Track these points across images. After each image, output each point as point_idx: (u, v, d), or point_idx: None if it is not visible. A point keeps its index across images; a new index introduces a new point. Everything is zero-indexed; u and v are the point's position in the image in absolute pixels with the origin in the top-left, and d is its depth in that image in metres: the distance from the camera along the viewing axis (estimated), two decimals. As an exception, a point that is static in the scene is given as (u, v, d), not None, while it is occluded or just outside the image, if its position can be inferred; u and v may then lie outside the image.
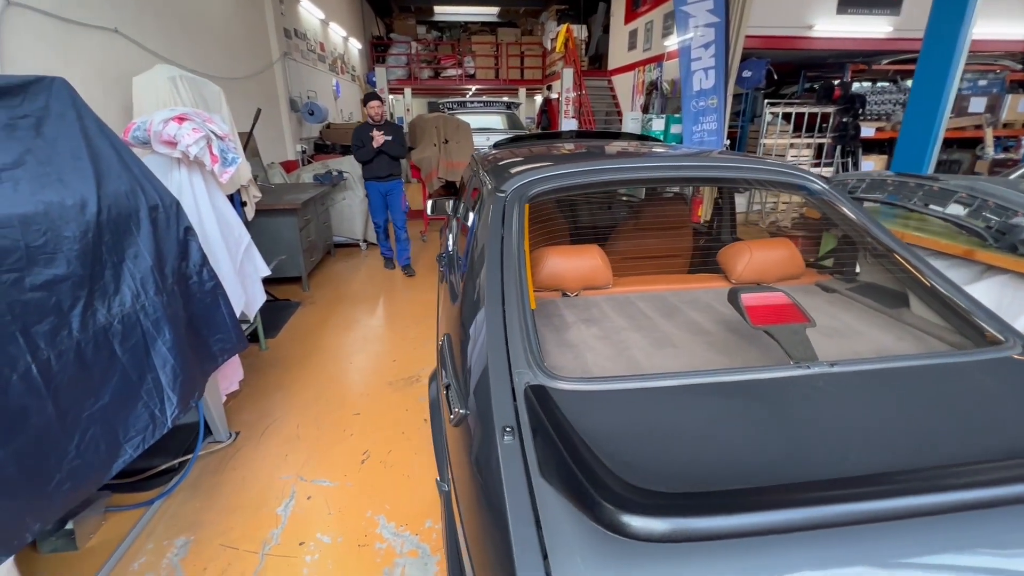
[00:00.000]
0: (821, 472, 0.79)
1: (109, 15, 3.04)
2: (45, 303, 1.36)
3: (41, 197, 1.43)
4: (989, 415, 0.95)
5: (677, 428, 0.91)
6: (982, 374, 1.07)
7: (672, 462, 0.82)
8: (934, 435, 0.89)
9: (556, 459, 0.80)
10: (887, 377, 1.05)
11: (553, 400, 0.94)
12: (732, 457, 0.83)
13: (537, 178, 1.56)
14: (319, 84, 7.87)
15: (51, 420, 1.33)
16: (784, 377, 1.02)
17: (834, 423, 0.91)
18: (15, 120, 1.53)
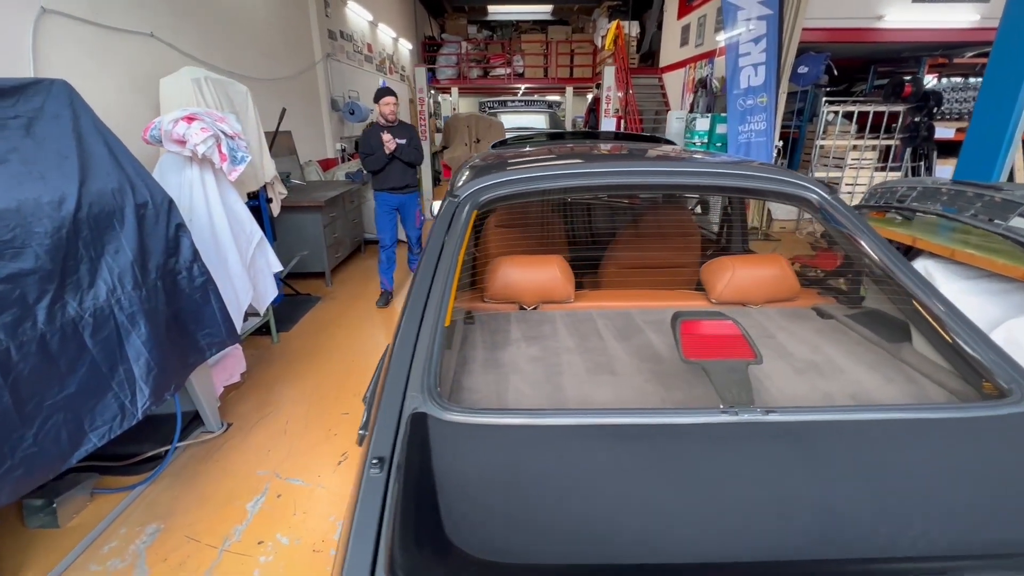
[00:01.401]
0: (697, 553, 0.65)
1: (145, 20, 3.22)
2: (7, 296, 1.42)
3: (16, 194, 1.51)
4: (964, 490, 0.76)
5: (554, 478, 0.79)
6: (970, 435, 0.87)
7: (525, 520, 0.71)
8: (879, 513, 0.72)
9: (400, 503, 0.71)
10: (840, 432, 0.87)
11: (427, 433, 0.85)
12: (598, 521, 0.71)
13: (493, 183, 1.46)
14: (364, 84, 8.08)
15: (7, 409, 1.40)
16: (705, 424, 0.87)
17: (743, 489, 0.76)
18: (5, 120, 1.62)
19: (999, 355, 1.01)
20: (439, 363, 1.00)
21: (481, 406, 1.04)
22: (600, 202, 2.46)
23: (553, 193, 1.50)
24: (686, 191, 2.11)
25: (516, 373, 1.18)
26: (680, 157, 1.73)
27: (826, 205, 1.43)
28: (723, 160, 1.70)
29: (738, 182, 1.46)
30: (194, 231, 2.67)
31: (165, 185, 2.67)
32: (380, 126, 3.92)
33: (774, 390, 1.11)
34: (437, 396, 0.93)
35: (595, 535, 0.68)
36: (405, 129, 4.01)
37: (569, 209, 2.40)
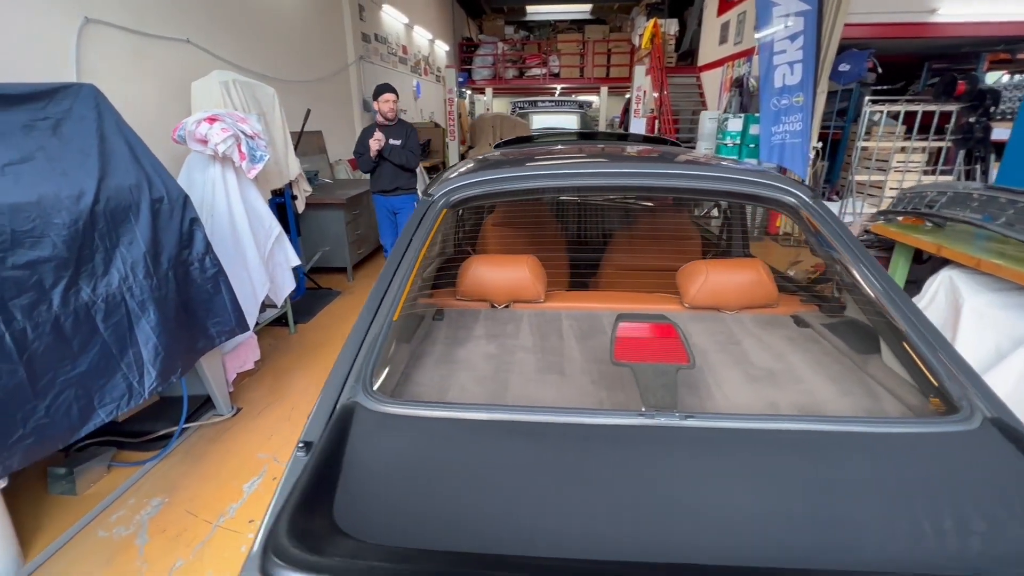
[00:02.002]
0: (566, 548, 0.66)
1: (182, 27, 3.44)
2: (25, 280, 1.57)
3: (38, 188, 1.66)
4: (876, 506, 0.74)
5: (456, 470, 0.82)
6: (904, 451, 0.84)
7: (413, 506, 0.74)
8: (773, 523, 0.71)
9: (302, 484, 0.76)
10: (760, 440, 0.85)
11: (352, 420, 0.90)
12: (482, 513, 0.73)
13: (464, 183, 1.50)
14: (397, 85, 8.27)
15: (22, 382, 1.54)
16: (620, 426, 0.88)
17: (634, 491, 0.76)
18: (35, 121, 1.78)
19: (958, 370, 0.96)
20: (379, 356, 1.04)
21: (422, 399, 1.08)
22: (595, 204, 2.45)
23: (521, 194, 1.52)
24: (654, 192, 2.07)
25: (467, 369, 1.21)
26: (662, 158, 1.70)
27: (805, 210, 1.38)
28: (705, 162, 1.67)
29: (710, 184, 1.43)
30: (214, 225, 2.84)
31: (190, 182, 2.87)
32: (377, 124, 3.81)
33: (719, 396, 1.09)
34: (369, 387, 0.97)
35: (475, 526, 0.70)
36: (402, 129, 3.85)
37: (563, 210, 2.40)
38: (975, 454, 0.82)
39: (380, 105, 3.75)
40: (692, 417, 0.88)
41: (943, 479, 0.78)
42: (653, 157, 1.72)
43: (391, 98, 3.75)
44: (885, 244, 3.18)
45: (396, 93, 3.81)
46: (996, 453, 0.81)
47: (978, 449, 0.83)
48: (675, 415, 0.88)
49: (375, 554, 0.62)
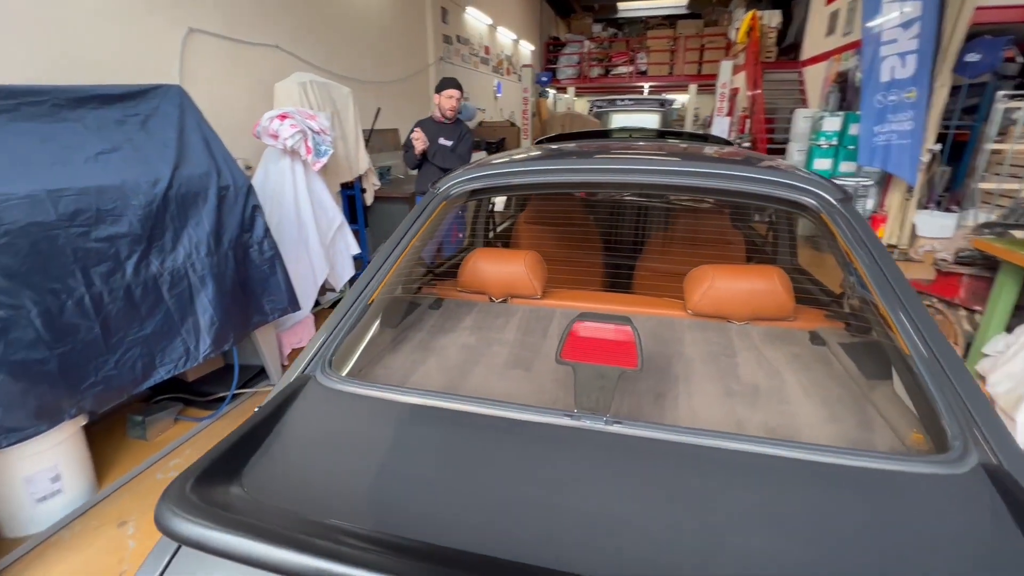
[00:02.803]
0: (453, 539, 0.65)
1: (272, 34, 3.82)
2: (105, 252, 1.85)
3: (122, 174, 1.94)
4: (788, 545, 0.65)
5: (375, 450, 0.84)
6: (861, 488, 0.73)
7: (321, 479, 0.78)
8: (667, 542, 0.66)
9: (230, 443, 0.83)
10: (692, 457, 0.79)
11: (300, 393, 0.96)
12: (387, 493, 0.75)
13: (466, 177, 1.52)
14: (477, 85, 8.51)
15: (96, 338, 1.82)
16: (549, 424, 0.85)
17: (532, 490, 0.74)
18: (126, 118, 2.09)
19: (969, 406, 0.82)
20: (345, 336, 1.10)
21: (381, 381, 1.12)
22: (629, 203, 2.36)
23: (517, 188, 1.52)
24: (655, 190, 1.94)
25: (438, 357, 1.24)
26: (678, 155, 1.61)
27: (826, 213, 1.23)
28: (724, 159, 1.54)
29: (718, 183, 1.33)
30: (281, 212, 3.13)
31: (266, 173, 3.17)
32: (433, 120, 3.56)
33: (684, 408, 1.02)
34: (327, 364, 1.03)
35: (366, 504, 0.73)
36: (457, 130, 3.57)
37: (596, 209, 2.34)
38: (946, 500, 0.70)
39: (442, 100, 3.49)
40: (620, 423, 0.83)
41: (888, 522, 0.67)
42: (669, 154, 1.63)
43: (455, 94, 3.48)
44: (989, 263, 2.73)
45: (461, 89, 3.52)
46: (972, 502, 0.68)
47: (953, 495, 0.70)
48: (602, 419, 0.84)
49: (255, 512, 0.67)
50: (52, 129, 1.83)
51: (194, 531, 0.60)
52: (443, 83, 3.52)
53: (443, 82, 3.54)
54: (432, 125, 3.55)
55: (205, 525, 0.60)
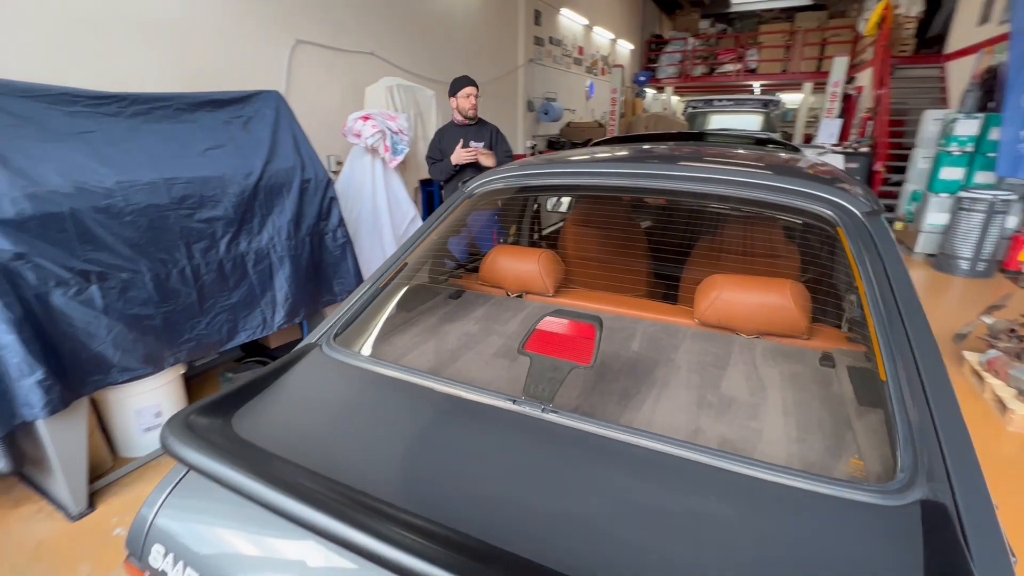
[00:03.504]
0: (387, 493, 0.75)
1: (368, 42, 4.20)
2: (205, 231, 2.21)
3: (223, 167, 2.30)
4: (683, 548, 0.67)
5: (353, 414, 0.98)
6: (781, 506, 0.72)
7: (296, 429, 0.92)
8: (568, 528, 0.71)
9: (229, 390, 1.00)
10: (617, 454, 0.82)
11: (303, 357, 1.13)
12: (341, 448, 0.87)
13: (492, 177, 1.62)
14: (568, 85, 8.55)
15: (193, 302, 2.19)
16: (494, 407, 0.93)
17: (459, 463, 0.81)
18: (232, 119, 2.46)
19: (924, 439, 0.76)
20: (354, 313, 1.26)
21: (377, 356, 1.26)
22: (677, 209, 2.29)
23: (535, 190, 1.57)
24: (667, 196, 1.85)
25: (438, 341, 1.35)
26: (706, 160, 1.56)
27: (847, 228, 1.15)
28: (758, 164, 1.48)
29: (735, 191, 1.29)
30: (360, 205, 3.46)
31: (351, 169, 3.52)
32: (456, 124, 3.29)
33: (644, 410, 1.03)
34: (331, 336, 1.19)
35: (329, 455, 0.85)
36: (484, 131, 3.30)
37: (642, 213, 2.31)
38: (859, 529, 0.67)
39: (459, 101, 3.20)
40: (555, 413, 0.88)
41: (787, 540, 0.66)
42: (694, 159, 1.59)
43: (472, 92, 3.19)
44: None
45: (477, 87, 3.24)
46: (887, 536, 0.65)
47: (870, 525, 0.67)
48: (539, 407, 0.89)
49: (231, 444, 0.82)
50: (174, 128, 2.23)
51: (180, 450, 0.77)
52: (457, 83, 3.24)
53: (457, 82, 3.25)
54: (455, 130, 3.30)
55: (189, 446, 0.77)
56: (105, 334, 1.90)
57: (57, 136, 1.85)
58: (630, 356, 1.26)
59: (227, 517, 0.83)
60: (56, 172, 1.79)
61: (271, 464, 0.78)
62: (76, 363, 1.84)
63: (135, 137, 2.08)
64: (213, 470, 0.74)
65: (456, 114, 3.28)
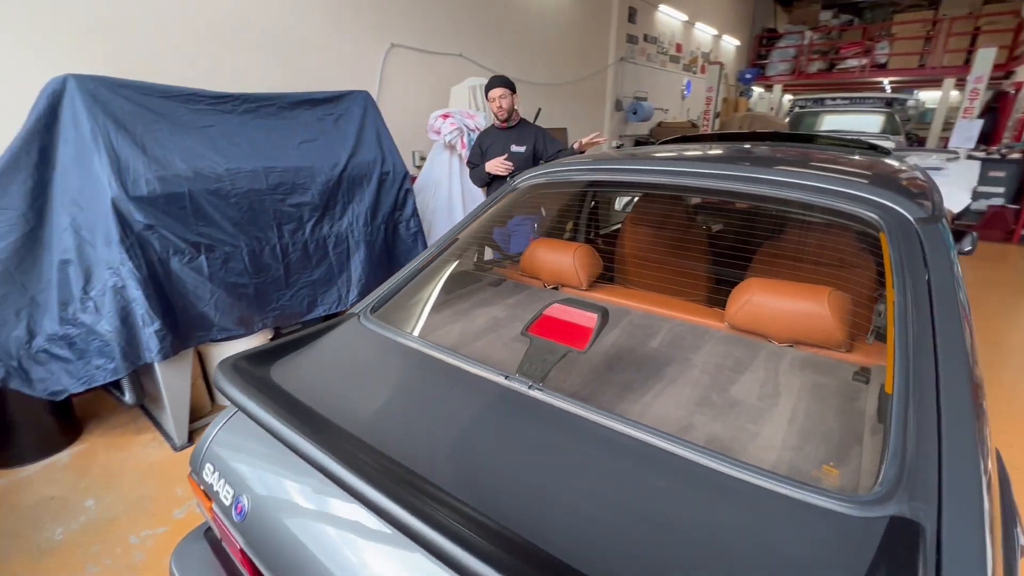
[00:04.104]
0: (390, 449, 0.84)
1: (456, 44, 4.43)
2: (294, 215, 2.51)
3: (313, 159, 2.59)
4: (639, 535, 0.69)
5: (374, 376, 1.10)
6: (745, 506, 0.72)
7: (318, 381, 1.06)
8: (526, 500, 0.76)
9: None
10: (592, 436, 0.85)
11: (342, 323, 1.28)
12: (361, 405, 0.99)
13: (538, 172, 1.68)
14: (661, 84, 8.27)
15: (279, 276, 2.50)
16: (490, 380, 1.00)
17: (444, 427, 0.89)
18: (324, 116, 2.76)
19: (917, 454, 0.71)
20: (392, 290, 1.39)
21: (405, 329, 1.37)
22: (740, 211, 2.17)
23: (577, 184, 1.60)
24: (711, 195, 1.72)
25: (465, 322, 1.44)
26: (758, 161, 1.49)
27: (892, 235, 1.06)
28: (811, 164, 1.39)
29: (777, 191, 1.23)
30: (437, 197, 3.67)
31: (432, 164, 3.76)
32: (497, 128, 3.08)
33: (639, 402, 1.04)
34: (367, 308, 1.33)
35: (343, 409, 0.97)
36: (527, 133, 3.01)
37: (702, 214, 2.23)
38: (818, 536, 0.65)
39: (490, 104, 3.00)
40: (540, 391, 0.93)
41: (737, 538, 0.66)
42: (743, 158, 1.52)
43: (501, 93, 2.90)
44: None
45: (511, 88, 2.94)
46: (841, 545, 0.62)
47: (832, 534, 0.64)
48: (527, 384, 0.95)
49: (265, 386, 0.97)
50: (276, 124, 2.56)
51: (224, 386, 0.93)
52: (488, 84, 3.00)
53: (489, 83, 3.01)
54: (496, 134, 3.06)
55: (231, 384, 0.93)
56: (208, 297, 2.24)
57: (183, 129, 2.22)
58: (646, 352, 1.26)
59: (256, 448, 0.98)
60: (180, 159, 2.15)
61: (292, 407, 0.92)
62: (185, 319, 2.20)
63: (244, 131, 2.42)
64: (244, 405, 0.89)
65: (495, 118, 3.08)
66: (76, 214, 2.01)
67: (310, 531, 0.84)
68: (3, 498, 2.04)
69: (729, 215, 2.15)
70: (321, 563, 0.78)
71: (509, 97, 2.93)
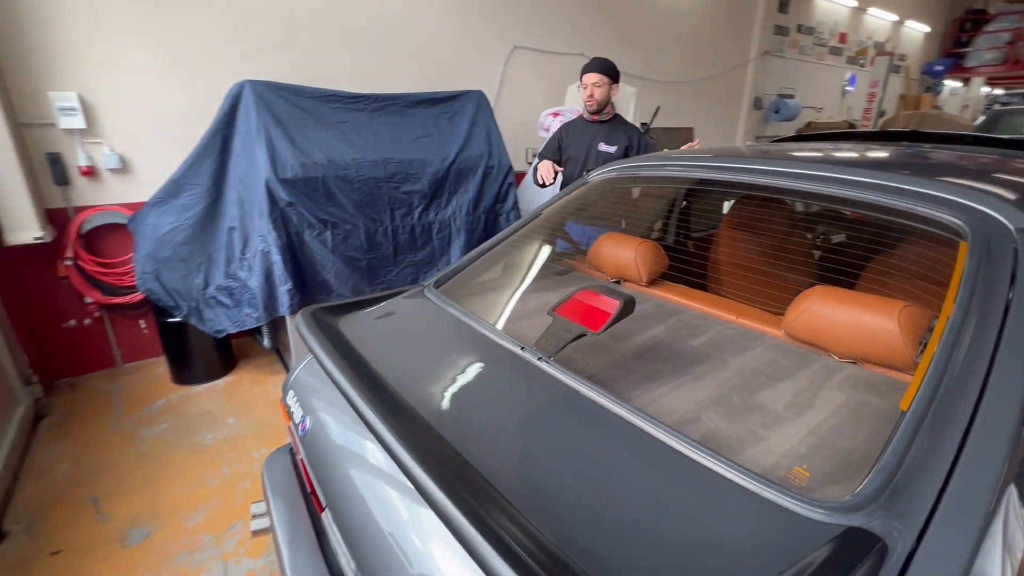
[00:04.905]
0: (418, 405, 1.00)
1: (578, 44, 4.49)
2: (405, 201, 2.83)
3: (426, 152, 2.89)
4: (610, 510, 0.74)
5: (426, 340, 1.27)
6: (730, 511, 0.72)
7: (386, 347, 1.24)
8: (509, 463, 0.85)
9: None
10: (583, 410, 0.90)
11: (409, 295, 1.48)
12: (406, 364, 1.15)
13: (612, 166, 1.71)
14: (814, 79, 7.39)
15: (388, 254, 2.84)
16: (510, 350, 1.09)
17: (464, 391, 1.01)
18: (441, 114, 3.05)
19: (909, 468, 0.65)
20: (457, 268, 1.55)
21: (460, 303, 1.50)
22: (841, 220, 1.93)
23: (647, 181, 1.59)
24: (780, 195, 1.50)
25: (520, 303, 1.54)
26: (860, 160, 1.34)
27: (976, 243, 0.92)
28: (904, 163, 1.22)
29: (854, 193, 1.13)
30: (542, 192, 3.80)
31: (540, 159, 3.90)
32: (583, 120, 2.65)
33: (654, 394, 1.04)
34: (433, 283, 1.51)
35: (393, 364, 1.14)
36: (621, 132, 2.59)
37: (797, 222, 2.03)
38: (765, 530, 0.64)
39: (582, 90, 2.58)
40: (545, 362, 1.00)
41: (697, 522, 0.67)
42: (837, 158, 1.37)
43: (592, 79, 2.48)
44: None
45: (612, 76, 2.50)
46: (785, 542, 0.61)
47: (779, 531, 0.63)
48: (536, 356, 1.02)
49: (333, 336, 1.19)
50: (397, 120, 2.90)
51: (301, 328, 1.17)
52: (585, 66, 2.56)
53: (586, 65, 2.56)
54: (583, 127, 2.66)
55: (306, 329, 1.16)
56: (330, 267, 2.65)
57: (323, 124, 2.65)
58: (683, 349, 1.24)
59: (320, 383, 1.20)
60: (319, 149, 2.57)
61: (346, 353, 1.12)
62: (310, 283, 2.63)
63: (371, 126, 2.79)
64: (312, 347, 1.11)
65: (584, 109, 2.66)
66: (241, 191, 2.53)
67: (346, 454, 1.02)
68: (179, 406, 2.66)
69: (792, 216, 1.95)
70: (350, 478, 0.96)
71: (606, 86, 2.50)
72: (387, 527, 0.84)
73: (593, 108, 2.57)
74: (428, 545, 0.78)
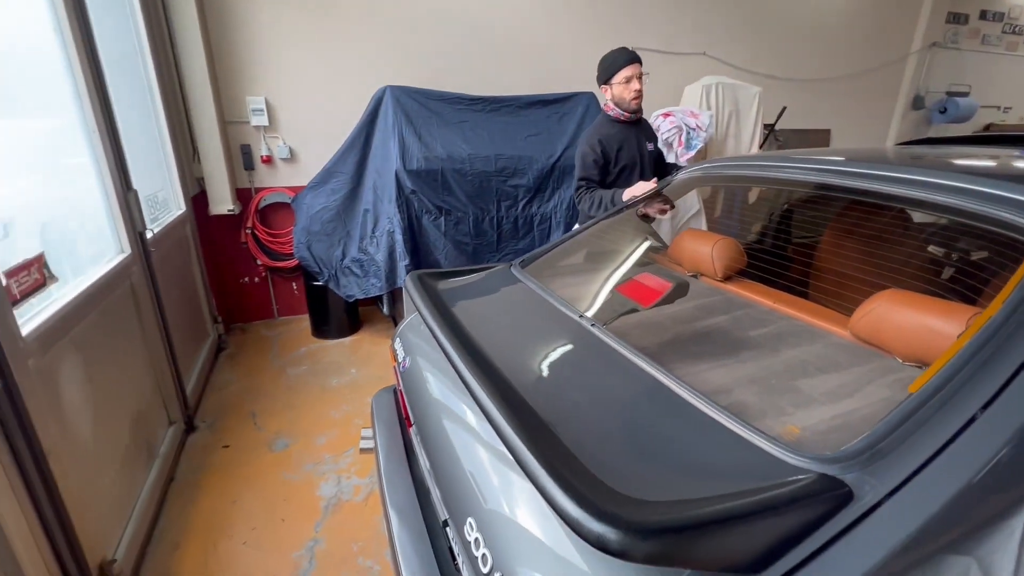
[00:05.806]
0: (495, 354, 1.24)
1: (700, 43, 4.40)
2: (511, 194, 3.10)
3: (533, 149, 3.13)
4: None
5: (507, 307, 1.49)
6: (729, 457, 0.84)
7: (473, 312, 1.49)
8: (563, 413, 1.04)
9: None
10: (621, 368, 1.05)
11: (496, 271, 1.72)
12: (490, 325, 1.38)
13: (697, 166, 1.78)
14: (1001, 74, 6.26)
15: (492, 241, 3.13)
16: (570, 317, 1.27)
17: (532, 347, 1.21)
18: (551, 114, 3.28)
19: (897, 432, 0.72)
20: (543, 252, 1.76)
21: (540, 280, 1.69)
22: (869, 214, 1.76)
23: (729, 181, 1.64)
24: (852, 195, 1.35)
25: (595, 284, 1.70)
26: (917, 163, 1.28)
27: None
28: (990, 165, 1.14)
29: (917, 192, 1.11)
30: (645, 193, 3.85)
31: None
32: (616, 120, 2.32)
33: (694, 367, 1.14)
34: (520, 262, 1.73)
35: (473, 324, 1.39)
36: (647, 127, 2.47)
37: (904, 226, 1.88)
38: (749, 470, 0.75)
39: (615, 89, 2.26)
40: (594, 327, 1.17)
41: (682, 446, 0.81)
42: (923, 159, 1.31)
43: (636, 71, 2.21)
44: None
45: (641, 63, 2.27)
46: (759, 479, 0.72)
47: (759, 472, 0.74)
48: (589, 322, 1.19)
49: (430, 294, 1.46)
50: (510, 120, 3.18)
51: (408, 285, 1.47)
52: (612, 62, 2.25)
53: (612, 61, 2.26)
54: (624, 131, 2.33)
55: (412, 288, 1.46)
56: (442, 248, 3.02)
57: (446, 123, 3.02)
58: (739, 337, 1.31)
59: (420, 332, 1.48)
60: (440, 145, 2.94)
61: (440, 309, 1.38)
62: (424, 262, 3.02)
63: (486, 125, 3.11)
64: (415, 300, 1.40)
65: (612, 107, 2.33)
66: (376, 179, 3.00)
67: (432, 385, 1.28)
68: (316, 354, 3.24)
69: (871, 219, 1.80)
70: (434, 401, 1.22)
71: (640, 77, 2.25)
72: (453, 438, 1.08)
73: (637, 105, 2.31)
74: (480, 451, 1.00)
